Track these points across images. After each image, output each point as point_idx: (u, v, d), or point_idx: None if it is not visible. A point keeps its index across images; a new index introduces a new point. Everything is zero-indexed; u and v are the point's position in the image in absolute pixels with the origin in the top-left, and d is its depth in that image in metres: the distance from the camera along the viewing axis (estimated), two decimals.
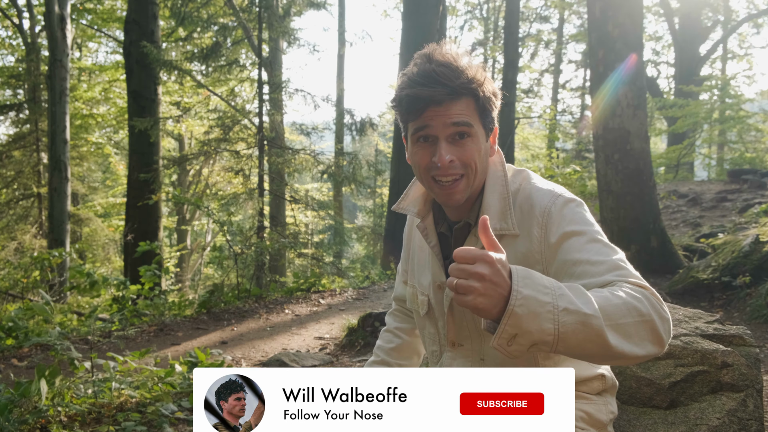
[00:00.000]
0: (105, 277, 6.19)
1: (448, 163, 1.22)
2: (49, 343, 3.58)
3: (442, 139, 1.22)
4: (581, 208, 1.22)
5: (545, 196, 1.23)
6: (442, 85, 1.20)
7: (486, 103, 1.26)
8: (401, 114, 1.28)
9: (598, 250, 1.13)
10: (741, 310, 4.61)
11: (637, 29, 6.70)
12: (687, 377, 2.00)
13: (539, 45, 21.04)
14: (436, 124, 1.22)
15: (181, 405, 3.09)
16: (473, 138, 1.24)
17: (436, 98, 1.20)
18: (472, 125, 1.23)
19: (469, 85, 1.22)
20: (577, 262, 1.13)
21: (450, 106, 1.21)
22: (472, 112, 1.24)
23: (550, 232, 1.19)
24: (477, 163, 1.25)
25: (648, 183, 6.46)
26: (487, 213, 1.25)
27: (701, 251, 6.56)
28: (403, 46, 8.60)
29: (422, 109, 1.22)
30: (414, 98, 1.22)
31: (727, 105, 12.96)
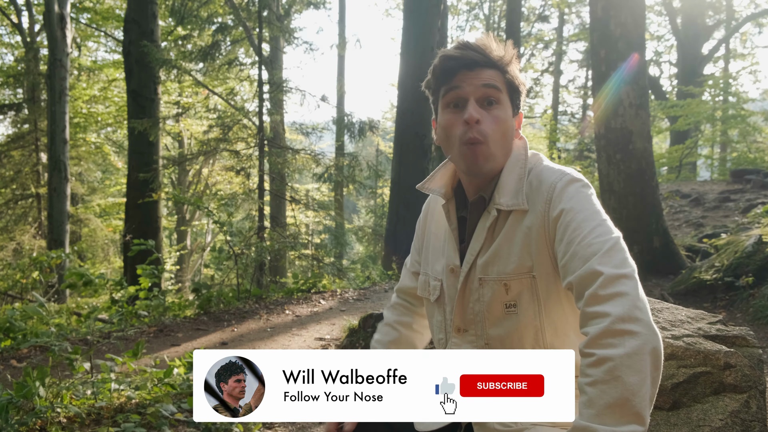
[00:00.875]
0: (101, 275, 6.14)
1: (474, 122, 1.26)
2: (47, 345, 3.55)
3: (473, 99, 1.27)
4: (586, 189, 1.24)
5: (554, 173, 1.27)
6: (476, 52, 1.28)
7: (514, 81, 1.32)
8: (434, 82, 1.33)
9: (592, 229, 1.14)
10: (744, 310, 4.60)
11: (639, 28, 6.68)
12: (689, 378, 2.00)
13: (539, 45, 21.00)
14: (467, 86, 1.28)
15: (181, 406, 3.06)
16: (501, 106, 1.29)
17: (469, 61, 1.28)
18: (501, 91, 1.29)
19: (500, 60, 1.30)
20: (569, 242, 1.15)
21: (481, 72, 1.28)
22: (501, 83, 1.30)
23: (553, 207, 1.22)
24: (502, 132, 1.29)
25: (650, 183, 6.44)
26: (502, 190, 1.29)
27: (704, 252, 6.54)
28: (404, 45, 8.59)
29: (455, 69, 1.29)
30: (448, 60, 1.29)
31: (730, 104, 12.94)
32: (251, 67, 10.35)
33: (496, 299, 1.28)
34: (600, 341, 1.01)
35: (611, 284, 1.05)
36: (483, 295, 1.30)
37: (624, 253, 1.10)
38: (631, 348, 0.99)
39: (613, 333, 1.01)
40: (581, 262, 1.11)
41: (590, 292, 1.06)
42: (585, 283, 1.09)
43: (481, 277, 1.30)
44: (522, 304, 1.26)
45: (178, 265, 16.58)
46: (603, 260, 1.08)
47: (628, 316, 1.01)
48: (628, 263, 1.08)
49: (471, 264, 1.32)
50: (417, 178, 8.84)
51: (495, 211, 1.29)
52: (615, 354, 0.99)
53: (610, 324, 1.01)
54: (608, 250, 1.09)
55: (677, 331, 2.23)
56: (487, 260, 1.29)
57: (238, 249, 7.42)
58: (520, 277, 1.25)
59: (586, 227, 1.15)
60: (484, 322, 1.31)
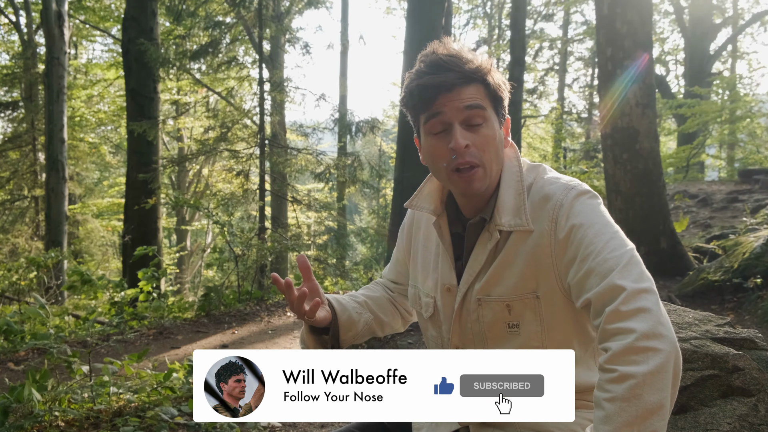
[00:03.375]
0: (101, 276, 6.08)
1: (464, 149, 1.20)
2: (46, 347, 3.50)
3: (457, 124, 1.21)
4: (594, 200, 1.20)
5: (558, 188, 1.22)
6: (451, 71, 1.20)
7: (496, 90, 1.26)
8: (412, 108, 1.27)
9: (606, 243, 1.10)
10: (752, 312, 4.55)
11: (646, 27, 6.61)
12: (697, 381, 1.99)
13: (544, 43, 20.92)
14: (449, 110, 1.21)
15: (181, 410, 3.01)
16: (488, 123, 1.23)
17: (447, 84, 1.20)
18: (485, 108, 1.23)
19: (477, 71, 1.23)
20: (583, 259, 1.12)
21: (461, 91, 1.21)
22: (483, 97, 1.23)
23: (560, 225, 1.17)
24: (493, 151, 1.24)
25: (657, 183, 6.37)
26: (502, 209, 1.24)
27: (712, 253, 6.49)
28: (408, 43, 8.50)
29: (433, 96, 1.21)
30: (424, 87, 1.22)
31: (738, 104, 12.89)
32: (252, 66, 10.28)
33: (498, 319, 1.26)
34: (623, 358, 0.99)
35: (633, 300, 1.03)
36: (483, 315, 1.27)
37: (641, 266, 1.08)
38: (655, 366, 0.97)
39: (637, 350, 0.99)
40: (599, 279, 1.08)
41: (611, 309, 1.03)
42: (605, 300, 1.06)
43: (480, 298, 1.26)
44: (524, 324, 1.24)
45: (177, 268, 16.50)
46: (622, 275, 1.05)
47: (653, 332, 0.99)
48: (646, 277, 1.06)
49: (469, 285, 1.28)
50: (420, 177, 8.69)
51: (497, 233, 1.24)
52: (638, 371, 0.97)
53: (635, 341, 0.99)
54: (626, 265, 1.07)
55: (685, 333, 2.23)
56: (487, 281, 1.26)
57: (239, 250, 7.36)
58: (523, 298, 1.23)
59: (599, 242, 1.11)
60: (485, 342, 1.29)
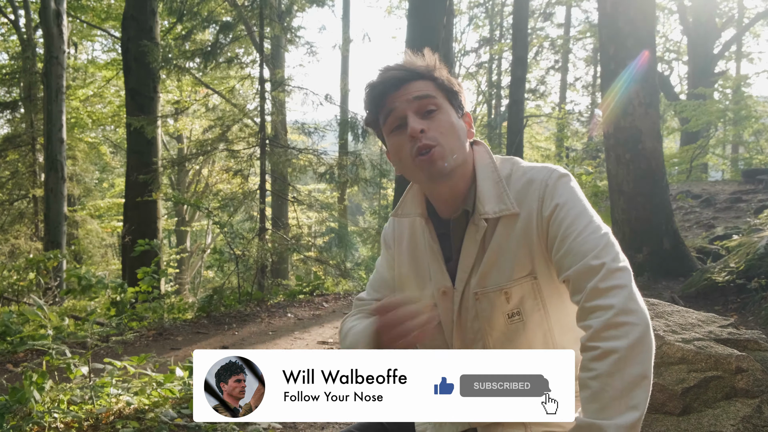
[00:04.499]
0: (101, 279, 6.05)
1: (419, 133, 1.22)
2: (44, 348, 3.47)
3: (410, 113, 1.24)
4: (575, 184, 1.25)
5: (541, 171, 1.26)
6: (399, 71, 1.26)
7: (447, 83, 1.28)
8: (370, 115, 1.32)
9: (586, 225, 1.16)
10: (756, 313, 4.51)
11: (649, 25, 6.58)
12: (700, 383, 1.99)
13: (546, 42, 20.88)
14: (400, 104, 1.25)
15: (181, 412, 2.98)
16: (441, 110, 1.25)
17: (394, 80, 1.25)
18: (435, 97, 1.25)
19: (424, 69, 1.27)
20: (564, 238, 1.16)
21: (408, 86, 1.25)
22: (432, 89, 1.26)
23: (545, 205, 1.21)
24: (450, 132, 1.25)
25: (660, 183, 6.34)
26: (483, 198, 1.26)
27: (715, 253, 6.46)
28: (409, 43, 8.45)
29: (383, 94, 1.26)
30: (375, 90, 1.28)
31: (742, 105, 12.84)
32: (252, 65, 10.23)
33: (497, 311, 1.25)
34: (603, 334, 1.04)
35: (610, 277, 1.08)
36: (482, 309, 1.26)
37: (617, 247, 1.14)
38: (634, 339, 1.01)
39: (615, 325, 1.03)
40: (578, 257, 1.13)
41: (591, 285, 1.08)
42: (584, 277, 1.11)
43: (477, 291, 1.26)
44: (525, 311, 1.25)
45: (177, 269, 16.45)
46: (600, 255, 1.11)
47: (627, 308, 1.04)
48: (621, 257, 1.12)
49: (465, 282, 1.28)
50: None
51: (483, 221, 1.25)
52: (619, 346, 1.01)
53: (613, 316, 1.04)
54: (604, 246, 1.13)
55: (688, 334, 2.22)
56: (482, 273, 1.26)
57: (239, 251, 7.32)
58: (521, 281, 1.24)
59: (580, 223, 1.17)
60: (486, 339, 1.28)
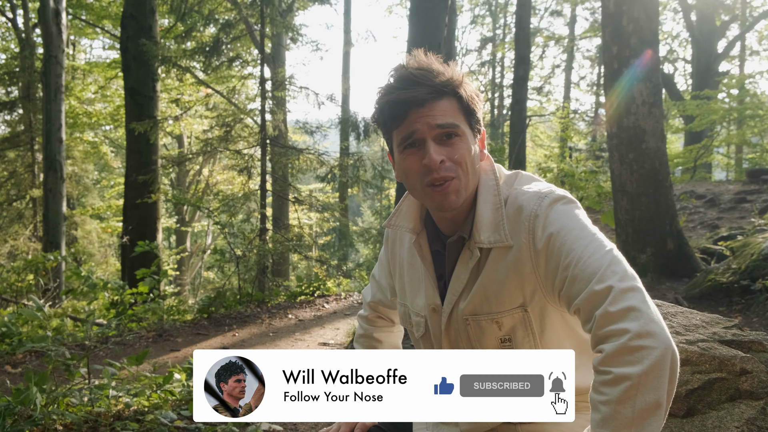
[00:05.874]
0: (103, 280, 6.01)
1: (439, 164, 1.18)
2: (43, 350, 3.44)
3: (430, 139, 1.20)
4: (569, 206, 1.19)
5: (531, 199, 1.20)
6: (422, 86, 1.19)
7: (469, 103, 1.24)
8: (383, 124, 1.26)
9: (585, 247, 1.10)
10: (761, 314, 4.45)
11: (653, 24, 6.54)
12: (704, 384, 1.97)
13: (550, 41, 20.86)
14: (421, 126, 1.19)
15: (181, 413, 2.96)
16: (462, 138, 1.22)
17: (418, 99, 1.19)
18: (458, 126, 1.21)
19: (449, 84, 1.21)
20: (565, 267, 1.11)
21: (433, 107, 1.19)
22: (456, 112, 1.22)
23: (537, 238, 1.16)
24: (468, 163, 1.22)
25: (664, 183, 6.29)
26: (480, 225, 1.23)
27: (719, 254, 6.42)
28: (410, 42, 8.40)
29: (405, 113, 1.20)
30: (394, 103, 1.21)
31: (747, 105, 12.79)
32: (253, 65, 10.20)
33: (490, 336, 1.25)
34: (617, 359, 0.99)
35: (620, 299, 1.02)
36: (474, 333, 1.26)
37: (623, 265, 1.08)
38: (649, 365, 0.97)
39: (630, 350, 0.99)
40: (584, 284, 1.07)
41: (601, 312, 1.03)
42: (593, 305, 1.05)
43: (468, 318, 1.25)
44: (517, 338, 1.24)
45: (177, 271, 16.39)
46: (605, 277, 1.05)
47: (645, 331, 0.99)
48: (630, 275, 1.06)
49: (453, 304, 1.27)
50: None
51: (477, 250, 1.23)
52: (633, 372, 0.97)
53: (628, 341, 0.99)
54: (608, 266, 1.07)
55: (692, 335, 2.20)
56: (472, 300, 1.25)
57: (240, 251, 7.29)
58: (511, 313, 1.22)
59: (578, 248, 1.11)
60: None
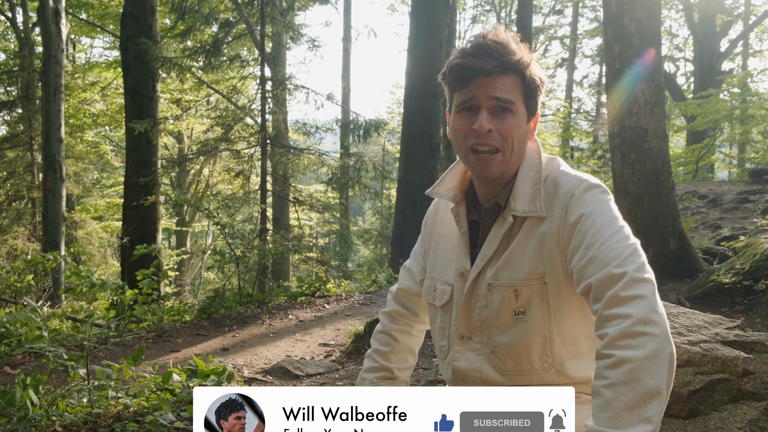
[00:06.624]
0: (103, 280, 5.98)
1: (486, 132, 1.25)
2: (41, 351, 3.41)
3: (485, 108, 1.26)
4: (605, 195, 1.24)
5: (571, 180, 1.27)
6: (493, 58, 1.25)
7: (531, 85, 1.30)
8: (449, 83, 1.32)
9: (612, 234, 1.15)
10: (763, 315, 4.40)
11: (655, 23, 6.50)
12: (707, 385, 1.98)
13: (552, 40, 20.82)
14: (481, 94, 1.26)
15: (181, 415, 2.92)
16: (515, 115, 1.28)
17: (485, 69, 1.25)
18: (515, 103, 1.27)
19: (518, 63, 1.27)
20: (589, 246, 1.16)
21: (496, 79, 1.26)
22: (516, 90, 1.28)
23: (570, 213, 1.22)
24: (515, 140, 1.28)
25: (666, 183, 6.26)
26: (517, 195, 1.29)
27: (722, 254, 6.40)
28: (411, 41, 8.42)
29: (470, 78, 1.26)
30: (464, 67, 1.27)
31: (749, 104, 12.75)
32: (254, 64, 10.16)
33: (505, 305, 1.29)
34: (619, 342, 1.02)
35: (632, 286, 1.06)
36: (491, 300, 1.30)
37: (643, 259, 1.12)
38: (651, 350, 1.00)
39: (632, 334, 1.02)
40: (601, 266, 1.12)
41: (611, 294, 1.07)
42: (605, 285, 1.09)
43: (491, 283, 1.30)
44: (531, 311, 1.27)
45: (177, 271, 16.37)
46: (624, 263, 1.10)
47: (648, 318, 1.02)
48: (647, 268, 1.11)
49: (480, 269, 1.32)
50: (424, 178, 8.71)
51: (511, 217, 1.29)
52: (635, 356, 1.00)
53: (631, 325, 1.02)
54: (629, 255, 1.11)
55: (694, 336, 2.20)
56: (498, 266, 1.30)
57: (240, 252, 7.25)
58: (531, 283, 1.26)
59: (606, 232, 1.16)
60: (491, 329, 1.31)
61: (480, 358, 1.33)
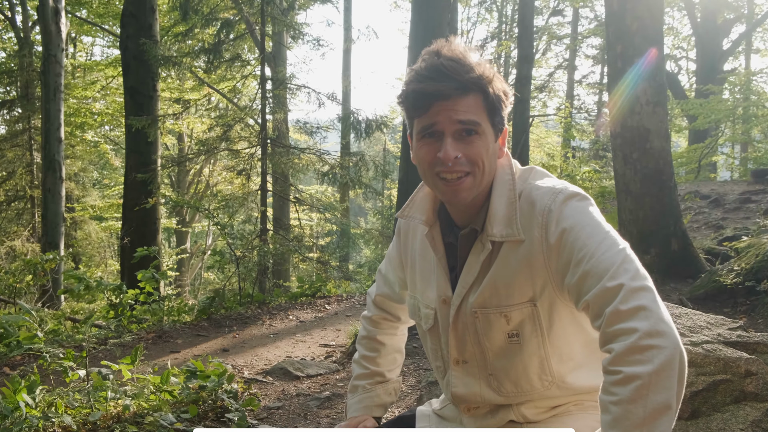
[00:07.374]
0: (100, 281, 5.96)
1: (453, 160, 1.18)
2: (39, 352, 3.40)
3: (449, 134, 1.19)
4: (584, 203, 1.18)
5: (545, 194, 1.20)
6: (450, 80, 1.18)
7: (495, 102, 1.23)
8: (407, 110, 1.25)
9: (599, 244, 1.10)
10: (766, 316, 4.43)
11: (657, 23, 6.49)
12: (709, 386, 1.97)
13: (553, 39, 20.77)
14: (443, 120, 1.19)
15: (180, 416, 2.92)
16: (481, 136, 1.21)
17: (444, 93, 1.18)
18: (480, 124, 1.20)
19: (478, 81, 1.19)
20: (578, 263, 1.11)
21: (457, 101, 1.18)
22: (480, 110, 1.21)
23: (550, 232, 1.16)
24: (484, 161, 1.22)
25: (668, 183, 6.24)
26: (493, 219, 1.23)
27: (724, 255, 6.39)
28: (412, 39, 8.38)
29: (429, 104, 1.19)
30: (420, 93, 1.19)
31: (752, 102, 12.72)
32: (255, 63, 10.15)
33: (498, 330, 1.25)
34: (627, 358, 0.99)
35: (631, 298, 1.03)
36: (481, 327, 1.26)
37: (636, 264, 1.07)
38: (659, 364, 0.97)
39: (640, 349, 0.99)
40: (595, 280, 1.07)
41: (611, 310, 1.03)
42: (603, 302, 1.05)
43: (477, 311, 1.26)
44: (524, 334, 1.24)
45: (177, 271, 16.35)
46: (617, 275, 1.05)
47: (655, 330, 0.99)
48: (642, 274, 1.06)
49: (463, 297, 1.28)
50: None
51: (489, 243, 1.24)
52: (643, 372, 0.97)
53: (637, 340, 0.99)
54: (621, 264, 1.07)
55: (696, 337, 2.20)
56: (482, 292, 1.25)
57: (240, 252, 7.23)
58: (520, 306, 1.23)
59: (591, 244, 1.11)
60: (486, 353, 1.29)
61: (478, 382, 1.32)
